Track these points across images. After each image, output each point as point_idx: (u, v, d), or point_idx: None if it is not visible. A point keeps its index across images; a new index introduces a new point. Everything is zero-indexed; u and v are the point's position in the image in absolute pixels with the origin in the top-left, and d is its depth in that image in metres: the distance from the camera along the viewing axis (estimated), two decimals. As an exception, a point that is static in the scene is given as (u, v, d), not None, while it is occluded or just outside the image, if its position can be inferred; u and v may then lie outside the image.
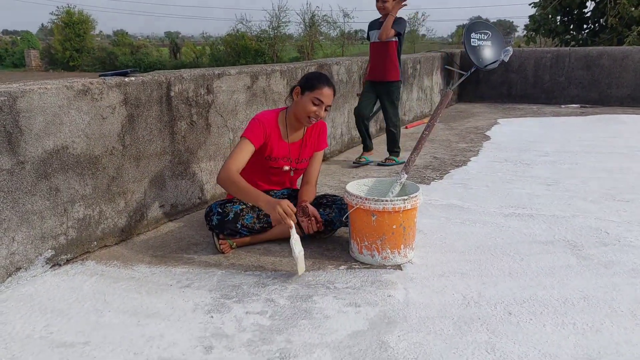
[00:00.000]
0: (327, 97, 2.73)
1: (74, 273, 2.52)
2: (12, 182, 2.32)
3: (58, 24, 47.37)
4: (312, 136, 2.95)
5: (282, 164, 2.90)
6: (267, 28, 37.84)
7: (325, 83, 2.74)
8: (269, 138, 2.81)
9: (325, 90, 2.73)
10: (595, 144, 5.43)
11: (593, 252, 2.71)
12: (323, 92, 2.72)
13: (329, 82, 2.76)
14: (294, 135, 2.89)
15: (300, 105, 2.75)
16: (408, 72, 6.94)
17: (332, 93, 2.76)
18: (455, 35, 55.04)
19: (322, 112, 2.75)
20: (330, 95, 2.75)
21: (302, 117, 2.76)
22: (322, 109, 2.74)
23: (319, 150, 3.00)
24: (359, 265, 2.60)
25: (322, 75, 2.79)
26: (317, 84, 2.73)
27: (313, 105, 2.72)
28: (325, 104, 2.74)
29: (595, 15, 12.67)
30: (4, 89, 2.31)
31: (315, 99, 2.71)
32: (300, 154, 2.92)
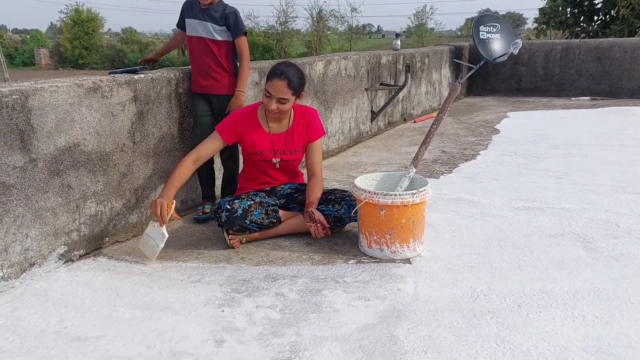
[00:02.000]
0: (275, 89, 2.62)
1: (86, 268, 2.56)
2: (25, 179, 2.36)
3: (67, 22, 47.72)
4: (299, 126, 2.89)
5: (268, 157, 2.87)
6: (274, 24, 37.85)
7: (274, 75, 2.63)
8: (246, 131, 2.80)
9: (274, 82, 2.62)
10: (606, 136, 5.39)
11: (603, 244, 2.70)
12: (272, 84, 2.64)
13: (279, 74, 2.63)
14: (277, 126, 2.86)
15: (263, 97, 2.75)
16: (416, 66, 6.92)
17: (283, 84, 2.62)
18: (464, 28, 54.73)
19: (273, 105, 2.66)
20: (280, 87, 2.62)
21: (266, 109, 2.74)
22: (272, 101, 2.65)
23: (312, 140, 2.93)
24: (368, 259, 2.61)
25: (276, 66, 2.70)
26: (269, 74, 2.67)
27: (265, 97, 2.68)
28: (274, 96, 2.64)
29: (606, 7, 12.52)
30: (16, 87, 2.34)
31: (266, 91, 2.68)
32: (286, 145, 2.88)
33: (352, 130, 5.40)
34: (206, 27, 3.13)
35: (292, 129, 2.89)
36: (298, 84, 2.71)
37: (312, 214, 2.73)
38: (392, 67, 6.16)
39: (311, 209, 2.75)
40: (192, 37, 3.17)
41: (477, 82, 9.03)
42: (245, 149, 2.86)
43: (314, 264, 2.56)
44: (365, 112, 5.65)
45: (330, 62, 4.85)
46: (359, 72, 5.40)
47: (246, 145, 2.84)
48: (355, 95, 5.37)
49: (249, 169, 2.97)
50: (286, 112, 2.77)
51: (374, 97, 5.81)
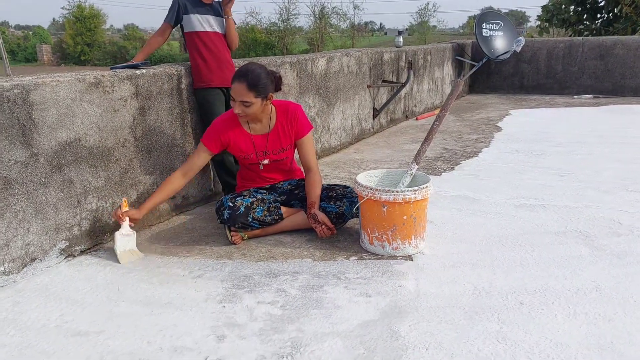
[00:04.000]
0: (235, 92, 2.58)
1: (87, 264, 2.56)
2: (26, 174, 2.35)
3: (69, 19, 47.73)
4: (284, 124, 2.82)
5: (256, 159, 2.83)
6: (277, 21, 37.82)
7: (235, 77, 2.59)
8: (230, 138, 2.76)
9: (234, 85, 2.58)
10: (609, 134, 5.37)
11: (606, 242, 2.69)
12: (233, 87, 2.59)
13: (238, 76, 2.58)
14: (259, 127, 2.80)
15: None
16: (419, 63, 6.90)
17: (242, 87, 2.56)
18: (467, 26, 54.61)
19: (237, 108, 2.61)
20: (239, 90, 2.56)
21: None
22: (235, 104, 2.61)
23: (300, 137, 2.84)
24: (370, 256, 2.61)
25: (239, 68, 2.64)
26: (232, 79, 2.62)
27: (232, 101, 2.64)
28: (236, 100, 2.59)
29: (610, 5, 12.47)
30: (18, 82, 2.33)
31: (231, 95, 2.63)
32: (269, 145, 2.82)
33: (354, 127, 5.39)
34: (217, 21, 3.28)
35: (277, 127, 2.81)
36: (262, 85, 2.60)
37: (315, 215, 2.73)
38: (394, 64, 6.15)
39: (314, 211, 2.74)
40: (208, 32, 3.24)
41: (479, 80, 9.01)
42: (234, 154, 2.85)
43: (315, 261, 2.56)
44: (368, 109, 5.64)
45: (332, 58, 4.83)
46: (361, 69, 5.39)
47: (233, 151, 2.81)
48: (358, 92, 5.36)
49: (244, 170, 2.97)
50: (254, 114, 2.67)
51: (376, 94, 5.80)
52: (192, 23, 3.22)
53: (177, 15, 3.24)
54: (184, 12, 3.22)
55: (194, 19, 3.20)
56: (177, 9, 3.23)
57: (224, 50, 3.31)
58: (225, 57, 3.32)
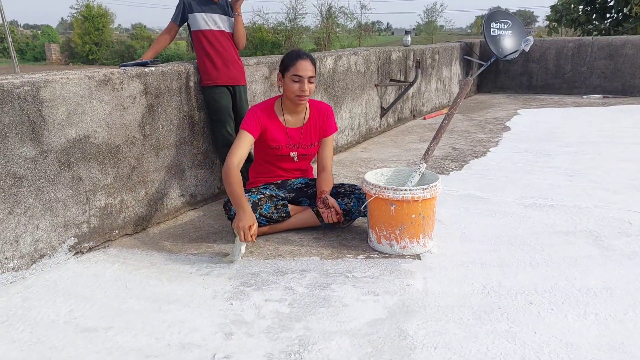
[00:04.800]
0: (303, 69, 2.66)
1: (96, 260, 2.57)
2: (36, 171, 2.36)
3: (78, 18, 47.96)
4: (316, 120, 2.92)
5: (287, 151, 2.88)
6: (284, 20, 37.83)
7: (297, 57, 2.69)
8: (267, 126, 2.80)
9: (300, 63, 2.67)
10: (618, 134, 5.33)
11: (615, 242, 2.67)
12: (298, 66, 2.67)
13: (300, 55, 2.70)
14: (294, 120, 2.87)
15: (286, 89, 2.74)
16: (426, 63, 6.88)
17: (308, 63, 2.68)
18: (474, 26, 54.43)
19: (306, 86, 2.69)
20: (307, 66, 2.68)
21: (292, 99, 2.75)
22: (304, 83, 2.68)
23: (327, 135, 2.96)
24: (378, 254, 2.60)
25: (293, 51, 2.76)
26: (289, 61, 2.70)
27: (295, 83, 2.69)
28: (304, 77, 2.67)
29: (619, 4, 12.38)
30: (28, 79, 2.34)
31: (294, 77, 2.68)
32: (302, 139, 2.89)
33: (362, 126, 5.38)
34: (224, 20, 3.29)
35: (309, 122, 2.90)
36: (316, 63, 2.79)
37: (325, 199, 2.73)
38: (402, 63, 6.13)
39: (325, 195, 2.76)
40: (213, 31, 3.25)
41: (487, 79, 8.97)
42: (264, 143, 2.84)
43: (323, 259, 2.55)
44: (375, 108, 5.63)
45: (340, 57, 4.83)
46: (369, 67, 5.38)
47: (266, 139, 2.83)
48: (365, 91, 5.35)
49: (262, 163, 2.97)
50: (310, 94, 2.77)
51: (383, 93, 5.79)
52: (197, 22, 3.22)
53: (182, 15, 3.25)
54: (190, 11, 3.23)
55: (199, 18, 3.21)
56: (183, 8, 3.24)
57: (230, 48, 3.32)
58: (231, 55, 3.32)
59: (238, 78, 3.37)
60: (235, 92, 3.36)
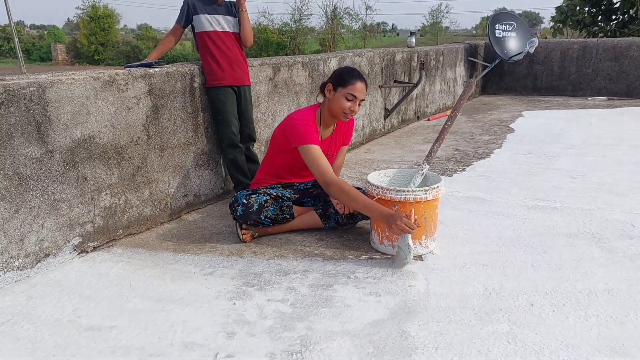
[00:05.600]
0: (360, 91, 2.69)
1: (100, 260, 2.59)
2: (41, 171, 2.39)
3: (84, 19, 48.14)
4: (341, 131, 2.96)
5: None
6: (289, 21, 37.87)
7: (357, 78, 2.69)
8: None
9: (358, 85, 2.68)
10: (622, 136, 5.32)
11: (618, 245, 2.67)
12: (356, 87, 2.67)
13: (360, 77, 2.71)
14: (325, 132, 2.89)
15: (334, 102, 2.71)
16: (431, 64, 6.88)
17: (364, 87, 2.72)
18: (480, 27, 54.35)
19: (357, 107, 2.72)
20: (363, 90, 2.71)
21: (337, 114, 2.73)
22: (356, 104, 2.70)
23: (344, 145, 3.02)
24: (380, 255, 2.61)
25: (354, 70, 2.74)
26: (349, 79, 2.68)
27: (347, 101, 2.68)
28: (358, 98, 2.69)
29: (625, 6, 12.35)
30: (34, 79, 2.36)
31: (348, 95, 2.67)
32: (329, 149, 2.91)
33: (365, 127, 5.39)
34: (228, 20, 3.31)
35: (336, 133, 2.92)
36: None
37: None
38: (406, 64, 6.14)
39: None
40: (217, 32, 3.27)
41: (492, 81, 8.97)
42: (299, 157, 2.74)
43: (325, 259, 2.57)
44: (379, 109, 5.64)
45: (344, 58, 4.84)
46: (373, 69, 5.39)
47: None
48: (369, 92, 5.36)
49: (277, 167, 2.91)
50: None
51: (387, 95, 5.79)
52: (201, 23, 3.24)
53: (186, 16, 3.27)
54: (194, 12, 3.25)
55: (203, 19, 3.23)
56: (187, 9, 3.26)
57: (235, 48, 3.33)
58: (236, 55, 3.34)
59: (243, 78, 3.38)
60: (240, 93, 3.38)
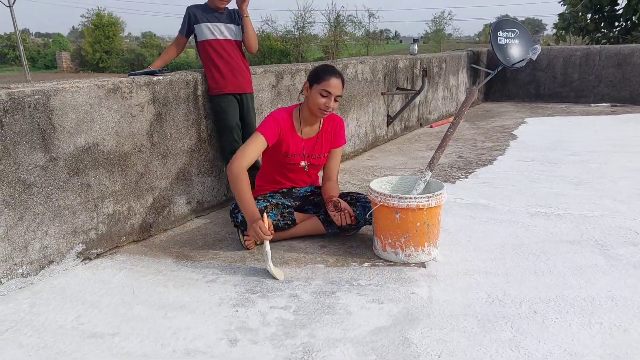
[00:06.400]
0: (334, 87, 2.72)
1: (103, 267, 2.59)
2: (45, 178, 2.40)
3: (88, 27, 48.47)
4: (328, 132, 2.96)
5: (298, 160, 2.91)
6: (292, 29, 38.03)
7: (331, 74, 2.73)
8: (284, 134, 2.83)
9: (332, 80, 2.71)
10: (626, 143, 5.31)
11: (622, 252, 2.66)
12: (330, 82, 2.71)
13: (334, 72, 2.74)
14: (309, 131, 2.91)
15: (310, 99, 2.76)
16: (433, 71, 6.89)
17: (339, 83, 2.74)
18: (482, 34, 54.44)
19: (332, 103, 2.74)
20: (338, 85, 2.73)
21: (314, 111, 2.77)
22: (331, 99, 2.73)
23: (336, 147, 3.00)
24: (383, 262, 2.61)
25: (328, 67, 2.79)
26: (323, 75, 2.72)
27: (321, 97, 2.72)
28: (333, 94, 2.72)
29: (628, 13, 12.35)
30: (39, 87, 2.38)
31: (323, 91, 2.71)
32: (314, 149, 2.93)
33: (368, 134, 5.40)
34: (230, 29, 3.31)
35: (322, 133, 2.94)
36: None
37: (337, 202, 2.74)
38: (409, 71, 6.15)
39: (336, 198, 2.77)
40: (219, 40, 3.29)
41: (495, 88, 8.97)
42: (277, 150, 2.85)
43: (328, 266, 2.57)
44: (382, 116, 5.65)
45: (347, 66, 4.86)
46: (376, 76, 5.41)
47: (280, 146, 2.84)
48: (372, 99, 5.37)
49: (271, 171, 2.98)
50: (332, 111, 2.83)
51: (390, 102, 5.81)
52: (203, 32, 3.26)
53: (188, 26, 3.30)
54: (195, 22, 3.27)
55: (204, 28, 3.25)
56: (188, 19, 3.29)
57: (237, 56, 3.35)
58: (238, 63, 3.35)
59: (245, 86, 3.40)
60: (243, 100, 3.40)
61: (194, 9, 3.28)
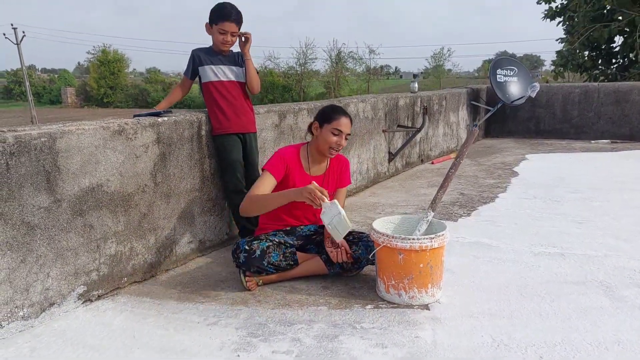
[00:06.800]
0: (345, 126, 2.84)
1: (104, 309, 2.57)
2: (49, 220, 2.41)
3: (94, 63, 49.30)
4: (334, 171, 3.03)
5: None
6: (294, 65, 38.65)
7: (341, 113, 2.86)
8: (291, 171, 2.87)
9: (343, 120, 2.85)
10: (627, 180, 5.32)
11: (627, 293, 2.64)
12: (341, 122, 2.84)
13: (344, 112, 2.88)
14: (316, 169, 2.97)
15: (321, 138, 2.86)
16: (434, 108, 6.97)
17: (349, 122, 2.88)
18: (482, 69, 55.25)
19: (343, 141, 2.86)
20: (348, 124, 2.87)
21: (324, 149, 2.87)
22: (342, 138, 2.85)
23: (342, 187, 3.06)
24: (386, 304, 2.59)
25: (336, 107, 2.92)
26: (334, 115, 2.85)
27: (333, 136, 2.84)
28: (344, 132, 2.85)
29: (625, 50, 12.56)
30: (45, 130, 2.41)
31: (334, 130, 2.83)
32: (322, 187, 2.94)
33: (370, 170, 5.42)
34: (233, 70, 3.38)
35: (329, 172, 3.01)
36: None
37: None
38: (409, 109, 6.22)
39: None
40: (222, 81, 3.35)
41: (495, 124, 9.05)
42: (284, 187, 2.86)
43: (330, 309, 2.54)
44: (383, 153, 5.69)
45: (348, 104, 4.92)
46: (377, 114, 5.47)
47: (286, 184, 2.87)
48: (373, 136, 5.42)
49: (277, 209, 2.97)
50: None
51: (391, 139, 5.85)
52: (206, 74, 3.33)
53: (193, 68, 3.37)
54: (199, 64, 3.34)
55: (208, 70, 3.32)
56: (193, 62, 3.36)
57: (240, 97, 3.40)
58: (241, 104, 3.40)
59: (248, 126, 3.44)
60: (246, 140, 3.43)
61: (199, 52, 3.35)
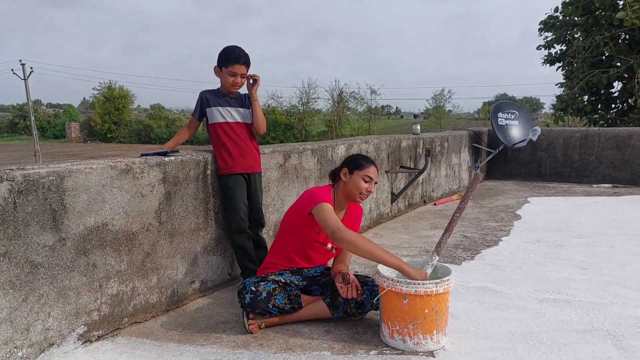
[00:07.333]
0: (374, 173, 2.98)
1: (104, 350, 2.53)
2: (52, 258, 2.40)
3: (99, 98, 49.98)
4: (351, 217, 3.09)
5: (328, 241, 2.95)
6: (297, 103, 39.18)
7: (371, 162, 3.02)
8: None
9: (372, 168, 2.99)
10: (630, 225, 5.31)
11: (634, 343, 2.60)
12: (370, 170, 2.97)
13: (374, 162, 3.05)
14: (339, 214, 2.99)
15: (351, 184, 2.93)
16: (436, 150, 7.03)
17: (377, 170, 3.03)
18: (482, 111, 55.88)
19: (372, 188, 2.98)
20: (376, 172, 3.01)
21: (354, 195, 2.94)
22: (372, 184, 2.96)
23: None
24: (390, 350, 2.54)
25: (364, 156, 3.09)
26: (364, 163, 2.98)
27: (364, 183, 2.93)
28: (373, 180, 2.97)
29: (624, 96, 12.74)
30: (53, 168, 2.43)
31: (365, 177, 2.93)
32: None
33: (373, 211, 5.42)
34: (240, 112, 3.43)
35: (346, 217, 3.07)
36: None
37: (346, 275, 2.80)
38: (412, 150, 6.27)
39: (345, 271, 2.85)
40: (229, 123, 3.39)
41: (496, 166, 9.10)
42: (311, 228, 2.89)
43: (334, 354, 2.50)
44: (386, 193, 5.70)
45: (351, 145, 4.96)
46: (379, 155, 5.51)
47: (314, 225, 2.86)
48: (376, 178, 5.43)
49: (289, 249, 2.97)
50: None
51: (394, 179, 5.88)
52: (214, 115, 3.38)
53: (200, 110, 3.42)
54: (207, 105, 3.39)
55: (215, 112, 3.37)
56: (201, 103, 3.42)
57: (246, 138, 3.43)
58: (247, 144, 3.43)
59: (253, 166, 3.47)
60: (251, 179, 3.45)
61: (207, 94, 3.40)
